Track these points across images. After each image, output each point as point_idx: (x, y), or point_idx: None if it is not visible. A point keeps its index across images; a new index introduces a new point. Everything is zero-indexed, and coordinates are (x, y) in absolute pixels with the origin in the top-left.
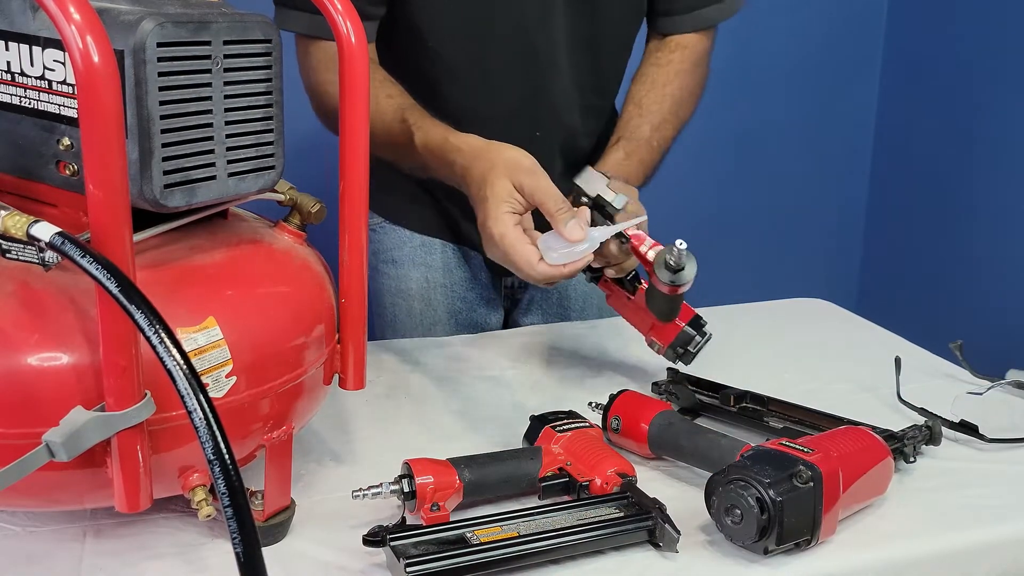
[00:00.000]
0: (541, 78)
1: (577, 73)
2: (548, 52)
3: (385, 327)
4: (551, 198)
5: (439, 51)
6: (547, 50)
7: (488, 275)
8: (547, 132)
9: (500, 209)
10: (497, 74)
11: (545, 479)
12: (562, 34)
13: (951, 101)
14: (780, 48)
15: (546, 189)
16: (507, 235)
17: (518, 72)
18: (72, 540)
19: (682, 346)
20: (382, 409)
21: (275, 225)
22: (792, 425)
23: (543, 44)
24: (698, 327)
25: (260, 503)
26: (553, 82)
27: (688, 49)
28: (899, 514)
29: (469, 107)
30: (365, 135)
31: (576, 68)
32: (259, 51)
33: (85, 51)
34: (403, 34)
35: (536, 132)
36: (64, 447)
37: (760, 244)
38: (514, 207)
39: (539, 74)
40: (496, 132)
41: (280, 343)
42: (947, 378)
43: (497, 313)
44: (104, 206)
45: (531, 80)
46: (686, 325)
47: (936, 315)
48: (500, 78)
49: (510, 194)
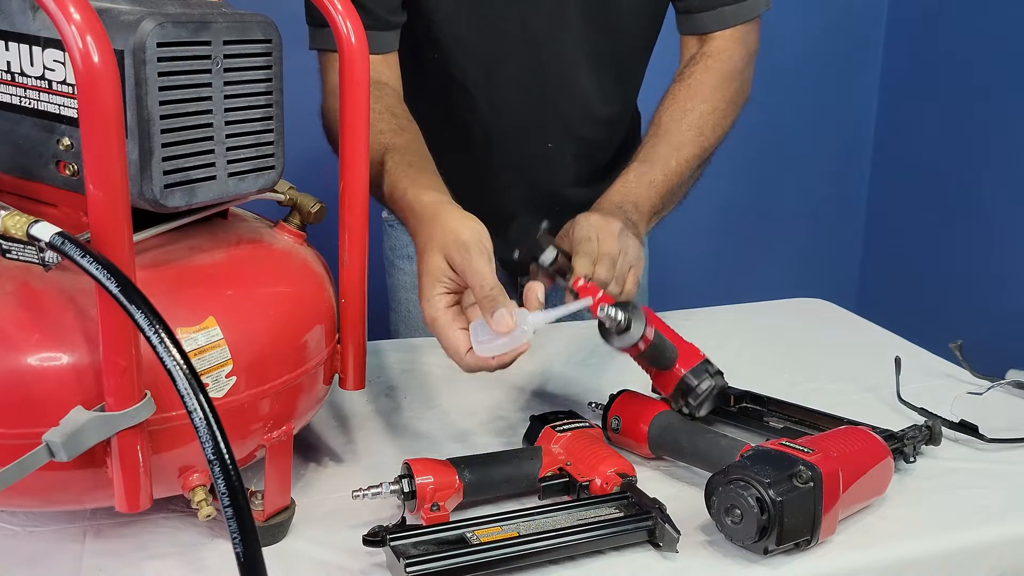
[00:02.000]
0: (551, 94)
1: (598, 87)
2: (558, 68)
3: (399, 322)
4: (480, 282)
5: (452, 63)
6: (557, 66)
7: (503, 274)
8: (560, 145)
9: (433, 290)
10: (506, 88)
11: (545, 479)
12: (579, 50)
13: (951, 101)
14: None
15: (476, 270)
16: (437, 319)
17: (527, 88)
18: (72, 540)
19: (682, 396)
20: (382, 409)
21: (275, 225)
22: (792, 425)
23: (552, 61)
24: (702, 373)
25: (260, 503)
26: (565, 98)
27: (717, 60)
28: (899, 514)
29: (481, 121)
30: (365, 136)
31: (597, 82)
32: (259, 51)
33: (85, 51)
34: (422, 45)
35: (548, 145)
36: (64, 447)
37: (760, 244)
38: (448, 286)
39: (548, 90)
40: (509, 144)
41: (280, 343)
42: (947, 378)
43: None
44: (104, 206)
45: (540, 96)
46: (687, 372)
47: (936, 315)
48: (509, 93)
49: (443, 272)
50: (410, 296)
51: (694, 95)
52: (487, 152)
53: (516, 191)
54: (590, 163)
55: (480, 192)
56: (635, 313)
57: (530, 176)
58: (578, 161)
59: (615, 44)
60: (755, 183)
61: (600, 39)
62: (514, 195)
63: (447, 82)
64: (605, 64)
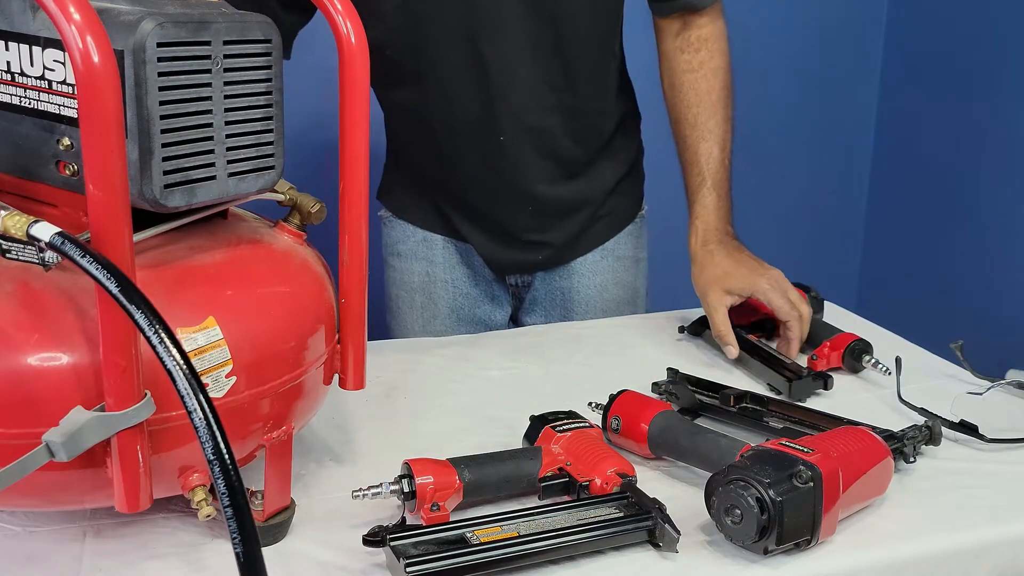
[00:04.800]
0: (495, 85)
1: (545, 77)
2: (499, 60)
3: (391, 318)
4: None
5: (403, 56)
6: (498, 59)
7: (490, 273)
8: (511, 137)
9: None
10: (451, 82)
11: (545, 479)
12: (521, 41)
13: (951, 101)
14: (780, 48)
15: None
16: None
17: (470, 80)
18: (72, 540)
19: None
20: (382, 409)
21: (275, 225)
22: (792, 425)
23: (492, 53)
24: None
25: (260, 503)
26: (510, 89)
27: (711, 40)
28: (899, 514)
29: (434, 113)
30: (365, 135)
31: (542, 73)
32: (259, 51)
33: (85, 51)
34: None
35: (500, 137)
36: (64, 447)
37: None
38: None
39: (492, 82)
40: (463, 136)
41: (280, 343)
42: (947, 378)
43: (503, 310)
44: (104, 206)
45: (484, 88)
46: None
47: (936, 315)
48: (455, 86)
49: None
50: (399, 293)
51: (712, 86)
52: (451, 145)
53: (488, 187)
54: (554, 158)
55: (456, 189)
56: None
57: (495, 171)
58: (539, 155)
59: (559, 34)
60: (755, 183)
61: (542, 29)
62: (488, 191)
63: (402, 76)
64: (547, 54)
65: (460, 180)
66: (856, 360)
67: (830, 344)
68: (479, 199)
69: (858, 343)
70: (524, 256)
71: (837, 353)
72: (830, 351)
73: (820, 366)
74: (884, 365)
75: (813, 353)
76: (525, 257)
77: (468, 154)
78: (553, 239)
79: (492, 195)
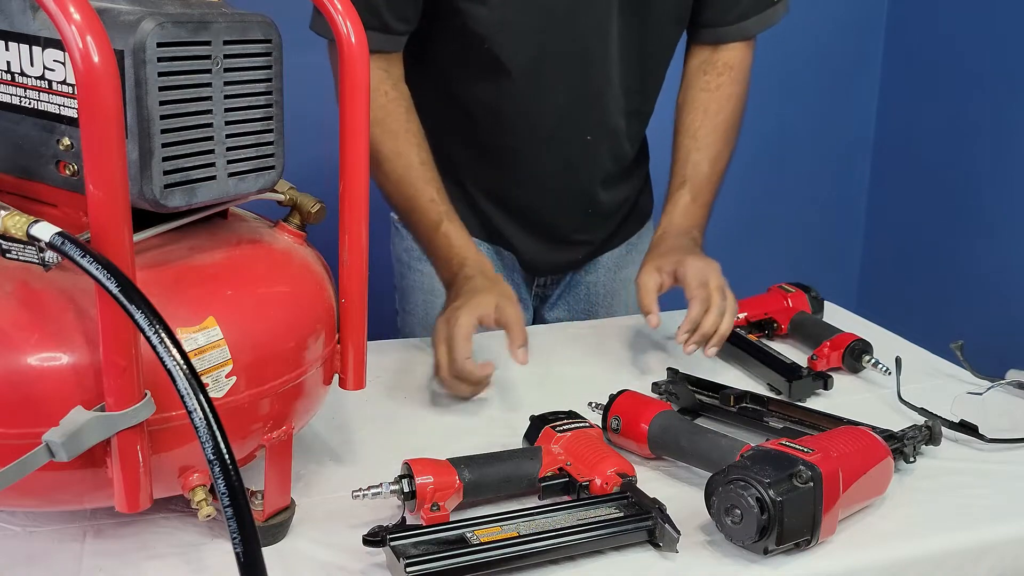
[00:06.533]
0: (593, 83)
1: (625, 78)
2: (602, 58)
3: (416, 324)
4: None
5: (497, 54)
6: (601, 56)
7: (522, 274)
8: (596, 136)
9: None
10: (551, 78)
11: (545, 479)
12: (614, 41)
13: (951, 101)
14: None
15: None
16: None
17: (572, 77)
18: (72, 540)
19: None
20: (382, 409)
21: (275, 225)
22: (792, 425)
23: (598, 50)
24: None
25: (260, 503)
26: (604, 87)
27: (735, 69)
28: (899, 514)
29: (517, 110)
30: (365, 135)
31: (625, 74)
32: (259, 51)
33: (85, 51)
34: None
35: (587, 136)
36: (64, 447)
37: (760, 244)
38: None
39: (592, 79)
40: (543, 135)
41: (280, 343)
42: (947, 378)
43: (526, 312)
44: (104, 206)
45: (583, 85)
46: None
47: (936, 315)
48: (554, 82)
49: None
50: (428, 299)
51: (723, 108)
52: (529, 145)
53: (547, 187)
54: (618, 160)
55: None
56: None
57: (569, 170)
58: (611, 156)
59: (644, 41)
60: (755, 183)
61: (633, 34)
62: (545, 191)
63: (493, 70)
64: (635, 58)
65: (516, 180)
66: (856, 360)
67: (830, 344)
68: (534, 199)
69: (858, 343)
70: (565, 256)
71: (837, 353)
72: (830, 351)
73: (820, 366)
74: (884, 365)
75: (813, 353)
76: (566, 257)
77: (540, 153)
78: (594, 238)
79: (550, 195)
